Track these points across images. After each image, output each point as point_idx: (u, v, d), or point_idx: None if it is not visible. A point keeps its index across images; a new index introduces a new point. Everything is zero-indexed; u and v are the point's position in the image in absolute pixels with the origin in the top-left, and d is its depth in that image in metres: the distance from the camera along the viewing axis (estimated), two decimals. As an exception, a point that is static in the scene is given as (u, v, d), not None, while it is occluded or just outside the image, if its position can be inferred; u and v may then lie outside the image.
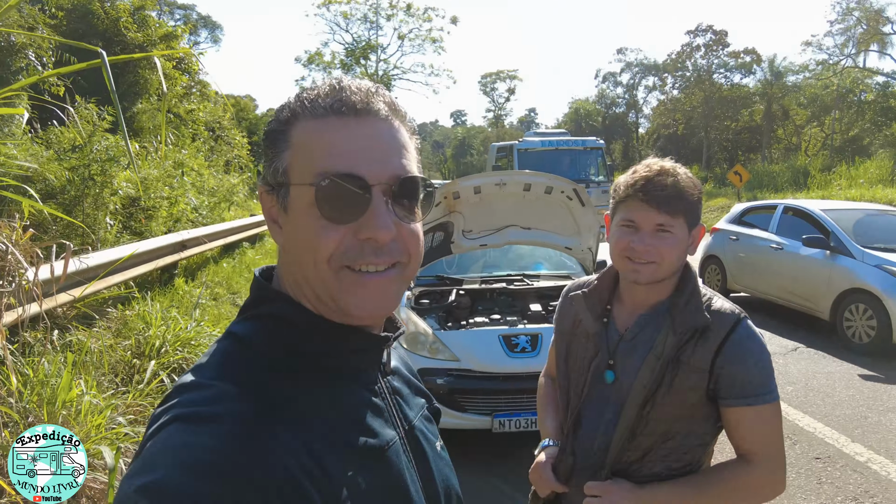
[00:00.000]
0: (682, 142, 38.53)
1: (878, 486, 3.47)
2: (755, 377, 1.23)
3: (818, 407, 4.65)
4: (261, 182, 0.74)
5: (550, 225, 4.44)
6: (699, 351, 1.24)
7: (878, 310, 5.90)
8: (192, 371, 0.67)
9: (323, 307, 0.70)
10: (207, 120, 16.47)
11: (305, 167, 0.67)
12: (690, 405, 1.26)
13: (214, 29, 40.67)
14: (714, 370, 1.24)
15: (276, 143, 0.70)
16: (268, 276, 0.78)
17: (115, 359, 4.17)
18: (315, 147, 0.67)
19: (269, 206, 0.73)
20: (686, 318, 1.26)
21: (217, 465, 0.55)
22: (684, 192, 1.25)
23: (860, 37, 28.85)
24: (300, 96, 0.71)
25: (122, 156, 5.96)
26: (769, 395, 1.24)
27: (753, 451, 1.27)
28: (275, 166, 0.70)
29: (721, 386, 1.24)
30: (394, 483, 0.70)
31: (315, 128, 0.68)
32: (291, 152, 0.69)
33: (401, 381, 0.84)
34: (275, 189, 0.71)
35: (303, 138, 0.68)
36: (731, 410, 1.25)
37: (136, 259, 5.33)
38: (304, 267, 0.69)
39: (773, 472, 1.26)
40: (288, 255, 0.72)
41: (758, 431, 1.26)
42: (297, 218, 0.68)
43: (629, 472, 1.30)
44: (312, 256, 0.67)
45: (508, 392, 3.57)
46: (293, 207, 0.69)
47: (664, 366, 1.25)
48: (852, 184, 17.79)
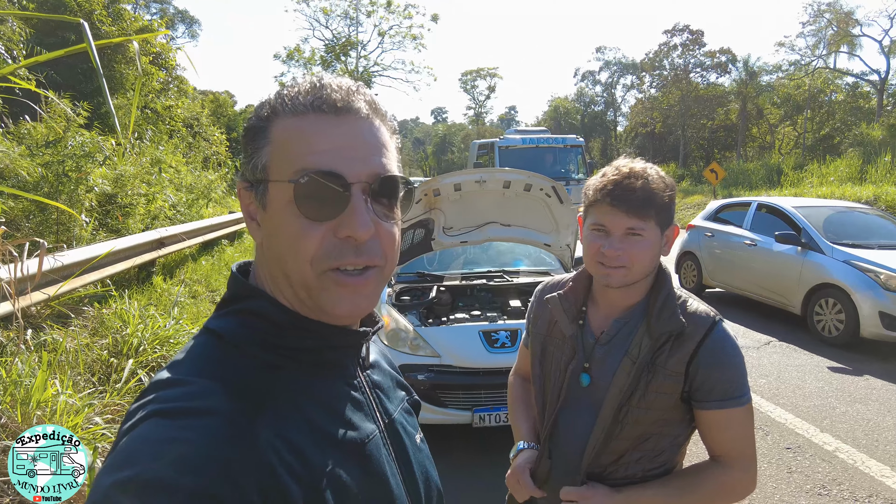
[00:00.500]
0: (659, 140, 39.07)
1: (846, 475, 3.59)
2: (730, 380, 1.24)
3: (789, 398, 4.79)
4: (240, 178, 0.74)
5: (530, 222, 4.49)
6: (675, 355, 1.24)
7: (846, 304, 6.08)
8: (168, 367, 0.66)
9: (300, 304, 0.70)
10: (185, 116, 16.23)
11: (285, 164, 0.67)
12: (666, 408, 1.26)
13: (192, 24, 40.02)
14: (689, 374, 1.24)
15: (255, 139, 0.70)
16: (245, 271, 0.77)
17: (91, 358, 4.11)
18: (295, 144, 0.67)
19: (247, 202, 0.73)
20: (661, 322, 1.25)
21: (196, 459, 0.54)
22: (655, 195, 1.22)
23: (831, 38, 29.50)
24: (280, 93, 0.71)
25: (98, 152, 5.86)
26: (743, 398, 1.25)
27: (727, 453, 1.28)
28: (254, 162, 0.69)
29: (696, 389, 1.25)
30: (374, 476, 0.71)
31: (295, 125, 0.68)
32: (271, 149, 0.68)
33: (381, 374, 0.85)
34: (254, 186, 0.71)
35: (283, 135, 0.68)
36: (705, 413, 1.26)
37: (113, 257, 5.26)
38: (285, 265, 0.68)
39: (745, 471, 1.28)
40: (268, 252, 0.71)
41: (731, 433, 1.26)
42: (276, 215, 0.68)
43: (605, 476, 1.30)
44: (294, 256, 0.67)
45: (488, 387, 3.61)
46: (272, 204, 0.68)
47: (640, 369, 1.24)
48: (823, 182, 18.20)
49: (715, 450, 1.30)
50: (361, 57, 36.95)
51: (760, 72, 32.41)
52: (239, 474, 0.56)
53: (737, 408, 1.24)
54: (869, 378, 5.26)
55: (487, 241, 4.60)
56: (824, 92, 30.01)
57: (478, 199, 4.34)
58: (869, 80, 28.82)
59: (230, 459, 0.56)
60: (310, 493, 0.61)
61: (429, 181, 4.18)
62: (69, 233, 5.49)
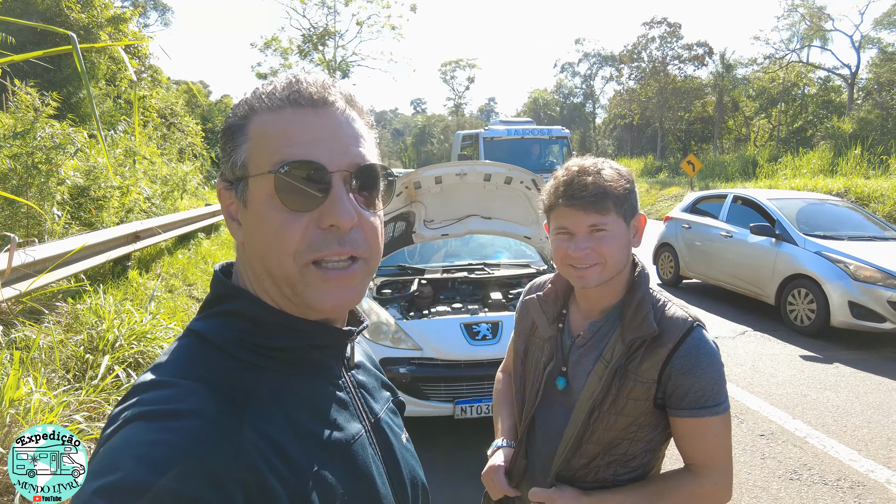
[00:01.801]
0: (637, 132, 39.48)
1: (816, 459, 3.70)
2: (706, 388, 1.19)
3: (763, 387, 4.90)
4: (220, 179, 0.73)
5: (510, 214, 4.50)
6: (647, 361, 1.21)
7: (817, 294, 6.24)
8: (151, 370, 0.65)
9: (285, 302, 0.70)
10: (160, 107, 15.89)
11: (264, 158, 0.67)
12: (638, 414, 1.23)
13: (164, 11, 39.06)
14: (662, 380, 1.21)
15: (233, 137, 0.70)
16: (228, 272, 0.77)
17: (66, 355, 4.03)
18: (273, 137, 0.67)
19: (227, 202, 0.72)
20: (633, 326, 1.22)
21: (179, 463, 0.54)
22: (609, 188, 1.19)
23: (804, 32, 30.04)
24: (257, 91, 0.71)
25: (69, 143, 5.71)
26: (719, 407, 1.20)
27: (701, 463, 1.24)
28: (233, 160, 0.69)
29: (669, 396, 1.21)
30: (360, 475, 0.71)
31: (272, 119, 0.68)
32: (250, 145, 0.68)
33: (365, 374, 0.84)
34: (233, 184, 0.71)
35: (260, 130, 0.68)
36: (680, 421, 1.22)
37: (87, 251, 5.14)
38: (268, 261, 0.68)
39: (719, 483, 1.24)
40: (250, 251, 0.70)
41: (706, 443, 1.22)
42: (257, 211, 0.67)
43: (575, 479, 1.28)
44: (276, 251, 0.67)
45: (470, 379, 3.64)
46: (253, 200, 0.68)
47: (612, 375, 1.22)
48: (797, 173, 18.58)
49: (688, 458, 1.27)
50: (339, 47, 36.52)
51: (736, 65, 32.88)
52: (223, 477, 0.55)
53: (711, 417, 1.20)
54: (839, 366, 5.42)
55: (468, 233, 4.61)
56: (798, 85, 30.60)
57: (458, 192, 4.35)
58: (840, 74, 29.43)
59: (214, 462, 0.56)
60: (295, 494, 0.61)
61: (409, 174, 4.17)
62: (40, 227, 5.35)
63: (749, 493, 3.34)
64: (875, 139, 19.63)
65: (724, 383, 1.23)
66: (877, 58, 27.76)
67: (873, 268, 5.93)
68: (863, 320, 5.91)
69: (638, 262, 1.34)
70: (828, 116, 26.84)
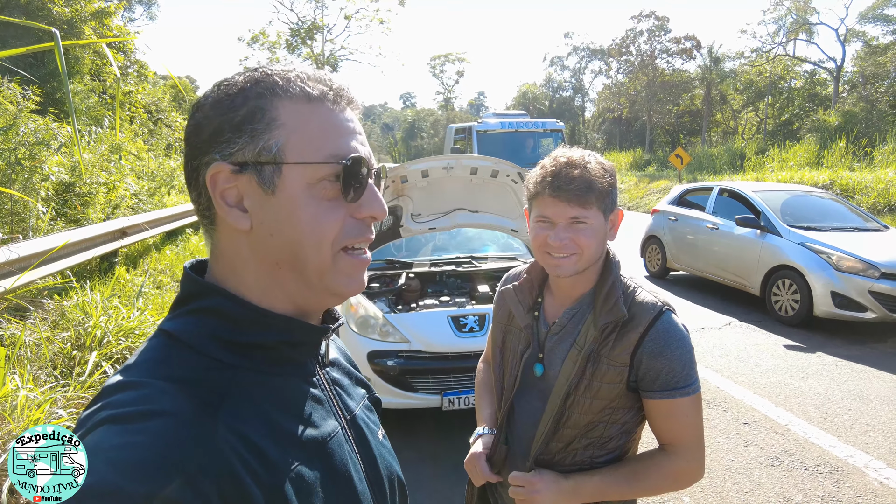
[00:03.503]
0: (626, 125, 39.63)
1: (797, 446, 3.78)
2: (676, 370, 1.23)
3: (747, 376, 4.98)
4: (221, 162, 0.67)
5: (497, 208, 4.53)
6: (619, 345, 1.25)
7: (801, 285, 6.33)
8: (120, 371, 0.64)
9: (298, 295, 0.71)
10: (146, 102, 15.73)
11: (309, 147, 0.67)
12: (612, 397, 1.27)
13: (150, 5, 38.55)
14: (634, 363, 1.25)
15: (254, 119, 0.67)
16: (201, 270, 0.75)
17: (53, 351, 4.02)
18: (320, 128, 0.68)
19: (225, 186, 0.67)
20: (605, 312, 1.26)
21: (151, 465, 0.53)
22: (594, 182, 1.23)
23: (790, 26, 30.25)
24: (280, 75, 0.69)
25: (52, 139, 5.66)
26: (689, 388, 1.24)
27: (674, 442, 1.29)
28: (262, 144, 0.66)
29: (641, 378, 1.25)
30: (337, 472, 0.70)
31: (313, 110, 0.68)
32: (285, 132, 0.67)
33: (340, 372, 0.84)
34: (249, 168, 0.67)
35: (299, 119, 0.67)
36: (652, 403, 1.26)
37: (73, 247, 5.11)
38: (301, 249, 0.68)
39: (691, 461, 1.28)
40: (270, 239, 0.68)
41: (677, 423, 1.27)
42: (294, 198, 0.67)
43: (554, 463, 1.32)
44: (315, 238, 0.67)
45: (457, 371, 3.67)
46: (288, 188, 0.67)
47: (585, 360, 1.26)
48: (783, 166, 18.76)
49: (661, 438, 1.32)
50: (327, 41, 36.28)
51: (724, 58, 33.10)
52: (197, 477, 0.54)
53: (682, 398, 1.24)
54: (821, 355, 5.51)
55: (456, 227, 4.63)
56: (784, 79, 30.87)
57: (445, 186, 4.37)
58: (825, 67, 29.69)
59: (188, 462, 0.55)
60: (272, 492, 0.61)
61: (396, 168, 4.18)
62: (25, 223, 5.31)
63: (732, 479, 3.41)
64: (860, 132, 19.85)
65: (695, 365, 1.27)
66: (861, 51, 28.07)
67: (855, 258, 6.02)
68: (845, 310, 6.01)
69: (610, 251, 1.38)
70: (814, 109, 27.14)
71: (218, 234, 0.71)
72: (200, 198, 0.70)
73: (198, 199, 0.70)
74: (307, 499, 0.65)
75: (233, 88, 0.69)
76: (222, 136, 0.67)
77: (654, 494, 1.35)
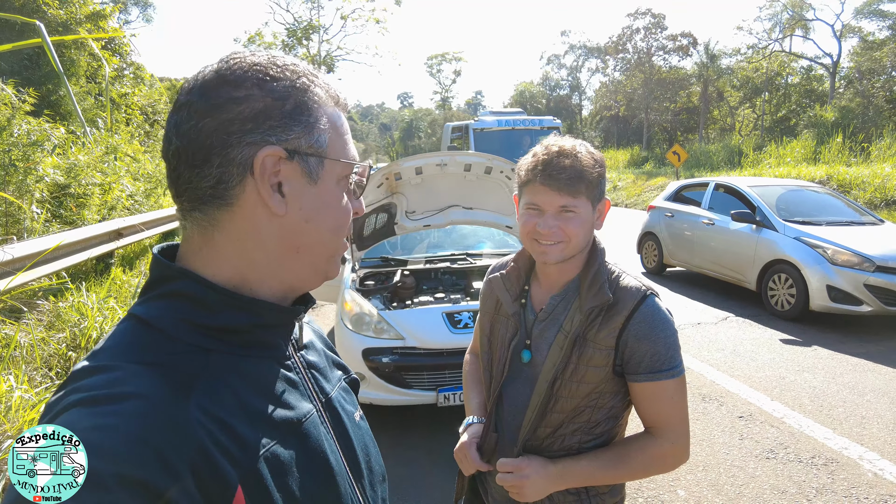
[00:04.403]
0: (623, 123, 39.62)
1: (792, 439, 3.78)
2: (660, 353, 1.25)
3: (743, 370, 4.99)
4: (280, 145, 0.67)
5: (491, 204, 4.54)
6: (604, 329, 1.26)
7: (797, 279, 6.34)
8: (87, 357, 0.63)
9: (305, 276, 0.76)
10: (143, 104, 15.71)
11: (340, 147, 0.74)
12: (598, 381, 1.28)
13: (146, 7, 38.51)
14: (619, 346, 1.26)
15: (303, 112, 0.69)
16: (170, 255, 0.74)
17: (48, 352, 4.02)
18: (342, 132, 0.75)
19: (276, 170, 0.68)
20: (590, 296, 1.28)
21: (123, 446, 0.52)
22: (584, 172, 1.25)
23: (786, 22, 30.28)
24: (309, 72, 0.73)
25: (46, 140, 5.66)
26: (674, 371, 1.26)
27: (659, 425, 1.30)
28: (315, 137, 0.70)
29: (626, 362, 1.27)
30: (313, 454, 0.71)
31: (339, 115, 0.76)
32: (328, 129, 0.72)
33: (316, 354, 0.85)
34: (297, 156, 0.69)
35: (333, 122, 0.74)
36: (637, 386, 1.28)
37: (69, 248, 5.11)
38: (327, 235, 0.74)
39: (676, 443, 1.30)
40: (301, 225, 0.71)
41: (661, 405, 1.28)
42: (330, 190, 0.73)
43: (542, 448, 1.34)
44: (342, 226, 0.76)
45: (452, 367, 3.67)
46: (326, 180, 0.73)
47: (571, 344, 1.27)
48: (781, 162, 18.78)
49: (647, 421, 1.33)
50: (324, 41, 36.26)
51: (720, 55, 33.11)
52: (170, 457, 0.54)
53: (666, 380, 1.26)
54: (817, 348, 5.52)
55: (450, 224, 4.64)
56: (781, 75, 30.87)
57: (439, 183, 4.37)
58: (822, 63, 29.71)
59: (160, 443, 0.54)
60: (246, 473, 0.61)
61: (389, 165, 4.18)
62: (19, 225, 5.31)
63: (727, 472, 3.41)
64: (856, 127, 19.90)
65: (678, 348, 1.29)
66: (857, 46, 28.08)
67: (850, 252, 6.03)
68: (841, 304, 6.02)
69: (596, 238, 1.39)
70: (810, 105, 27.15)
71: (233, 214, 0.68)
72: (224, 174, 0.66)
73: (216, 176, 0.66)
74: (282, 479, 0.65)
75: (275, 73, 0.69)
76: (272, 121, 0.67)
77: (641, 477, 1.35)
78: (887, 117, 21.92)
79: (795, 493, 3.18)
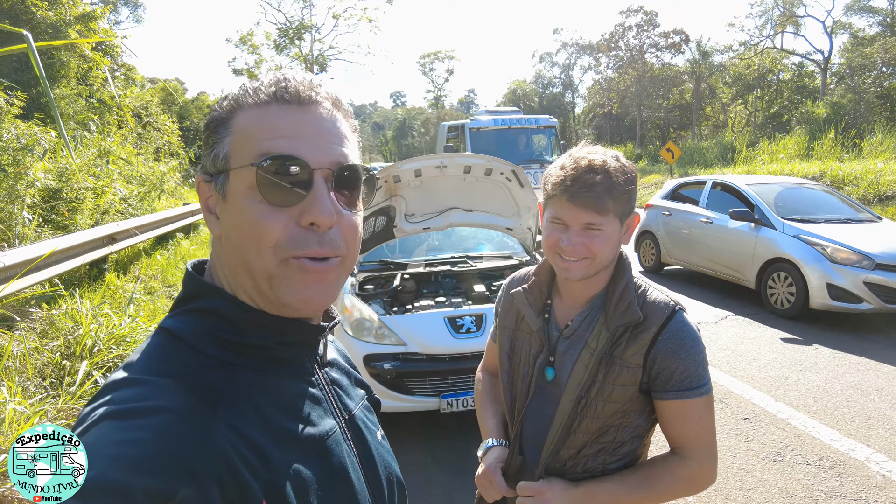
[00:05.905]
0: (616, 120, 39.70)
1: (798, 440, 3.76)
2: (689, 371, 1.21)
3: (746, 370, 4.96)
4: (199, 172, 0.73)
5: (491, 206, 4.49)
6: (632, 346, 1.22)
7: (796, 277, 6.33)
8: (123, 368, 0.65)
9: (261, 298, 0.69)
10: (134, 106, 15.55)
11: (246, 151, 0.67)
12: (625, 400, 1.24)
13: (136, 7, 38.19)
14: (647, 364, 1.22)
15: (216, 130, 0.70)
16: (200, 269, 0.76)
17: (41, 362, 3.93)
18: (256, 130, 0.67)
19: (206, 195, 0.72)
20: (618, 314, 1.23)
21: (152, 460, 0.53)
22: (614, 188, 1.18)
23: (777, 18, 30.40)
24: (243, 86, 0.71)
25: (36, 144, 5.56)
26: (702, 389, 1.22)
27: (687, 445, 1.26)
28: (215, 153, 0.69)
29: (654, 379, 1.23)
30: (335, 471, 0.71)
31: (257, 114, 0.68)
32: (232, 138, 0.68)
33: (339, 372, 0.85)
34: (214, 177, 0.70)
35: (244, 124, 0.68)
36: (665, 404, 1.23)
37: (61, 255, 5.02)
38: (246, 254, 0.67)
39: (705, 463, 1.26)
40: (227, 244, 0.70)
41: (690, 424, 1.24)
42: (237, 203, 0.67)
43: (565, 471, 1.28)
44: (256, 244, 0.66)
45: (455, 372, 3.61)
46: (233, 193, 0.67)
47: (598, 362, 1.22)
48: (773, 158, 18.83)
49: (674, 441, 1.29)
50: (316, 41, 36.09)
51: (712, 52, 33.24)
52: (197, 473, 0.55)
53: (695, 398, 1.22)
54: (818, 347, 5.50)
55: (450, 226, 4.59)
56: (773, 71, 31.01)
57: (439, 185, 4.32)
58: (813, 59, 29.88)
59: (187, 457, 0.55)
60: (269, 488, 0.61)
61: (388, 167, 4.12)
62: (10, 231, 5.21)
63: (734, 475, 3.38)
64: (848, 123, 19.98)
65: (707, 365, 1.24)
66: (848, 43, 28.23)
67: (850, 250, 6.02)
68: (841, 302, 6.01)
69: (623, 252, 1.33)
70: (802, 101, 27.28)
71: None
72: None
73: None
74: (305, 496, 0.65)
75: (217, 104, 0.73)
76: (205, 148, 0.72)
77: (668, 500, 1.29)
78: (878, 113, 22.05)
79: (805, 497, 3.15)
